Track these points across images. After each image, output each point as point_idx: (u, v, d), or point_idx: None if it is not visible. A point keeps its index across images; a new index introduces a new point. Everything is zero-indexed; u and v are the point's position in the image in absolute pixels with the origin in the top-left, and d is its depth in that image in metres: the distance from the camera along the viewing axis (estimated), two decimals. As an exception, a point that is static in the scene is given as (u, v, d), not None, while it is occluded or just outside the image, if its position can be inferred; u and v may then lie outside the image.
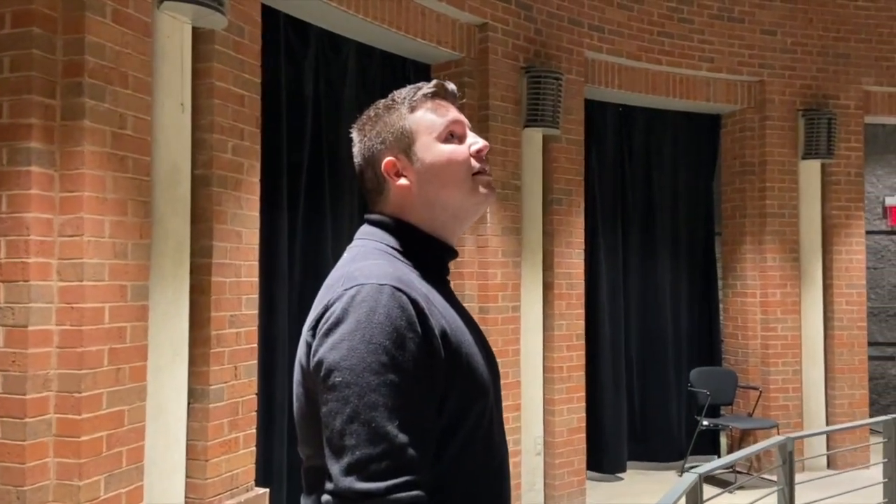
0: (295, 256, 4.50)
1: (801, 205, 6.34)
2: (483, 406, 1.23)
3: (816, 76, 6.39)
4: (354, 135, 1.35)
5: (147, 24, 3.20)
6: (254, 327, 3.75)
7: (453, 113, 1.32)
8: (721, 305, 6.65)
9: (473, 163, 1.30)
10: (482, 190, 1.30)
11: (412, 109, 1.30)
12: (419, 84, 1.35)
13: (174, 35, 3.38)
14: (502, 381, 5.02)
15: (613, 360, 6.06)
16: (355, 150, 1.34)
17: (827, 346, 6.33)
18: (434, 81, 1.35)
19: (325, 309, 1.17)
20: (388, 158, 1.28)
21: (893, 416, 4.79)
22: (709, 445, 6.48)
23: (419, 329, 1.13)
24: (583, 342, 5.56)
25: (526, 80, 5.29)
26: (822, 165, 6.39)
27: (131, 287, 3.08)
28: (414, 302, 1.14)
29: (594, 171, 6.06)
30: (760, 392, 6.16)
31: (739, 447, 6.33)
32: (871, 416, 6.49)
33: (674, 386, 6.40)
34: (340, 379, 1.09)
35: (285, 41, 4.45)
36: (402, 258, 1.25)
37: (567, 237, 5.51)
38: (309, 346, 1.18)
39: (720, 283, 6.68)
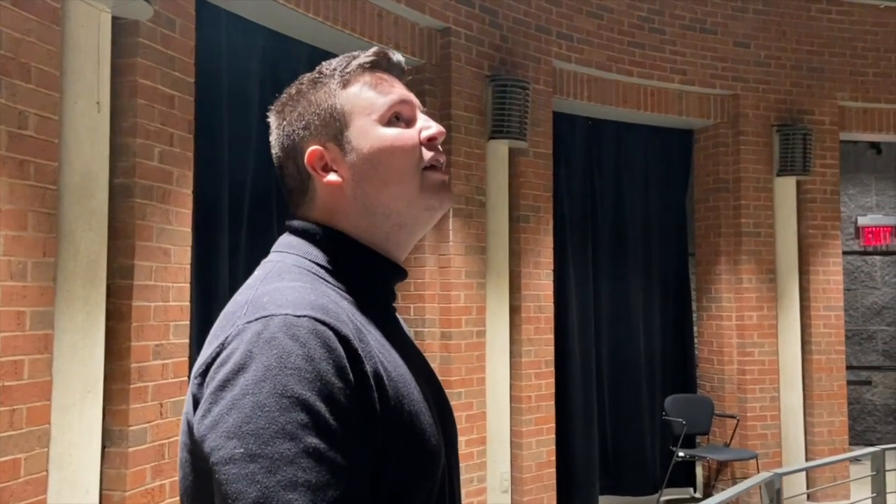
0: (237, 277, 4.06)
1: (776, 223, 6.08)
2: (432, 481, 0.92)
3: (791, 90, 6.17)
4: (272, 119, 1.06)
5: (55, 10, 2.79)
6: (184, 358, 3.32)
7: (399, 90, 1.03)
8: (695, 329, 6.35)
9: (425, 153, 1.01)
10: (435, 190, 1.01)
11: (344, 84, 1.02)
12: (354, 53, 1.05)
13: (89, 24, 2.96)
14: (467, 413, 4.47)
15: (584, 388, 5.69)
16: (272, 138, 1.05)
17: (805, 370, 6.05)
18: (374, 48, 1.05)
19: (220, 349, 0.87)
20: (314, 148, 1.00)
21: (882, 447, 4.50)
22: (683, 477, 6.14)
23: (351, 377, 0.84)
24: (552, 369, 5.19)
25: (491, 90, 4.95)
26: (798, 183, 6.15)
27: (31, 313, 2.64)
28: (344, 340, 0.85)
29: (562, 187, 5.73)
30: (738, 420, 5.84)
31: (716, 479, 6.01)
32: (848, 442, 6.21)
33: (647, 415, 6.05)
34: (242, 450, 0.79)
35: (227, 41, 4.05)
36: (330, 279, 0.96)
37: (535, 257, 5.15)
38: (197, 400, 0.87)
39: (694, 305, 6.38)
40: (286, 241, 1.02)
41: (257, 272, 0.99)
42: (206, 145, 3.74)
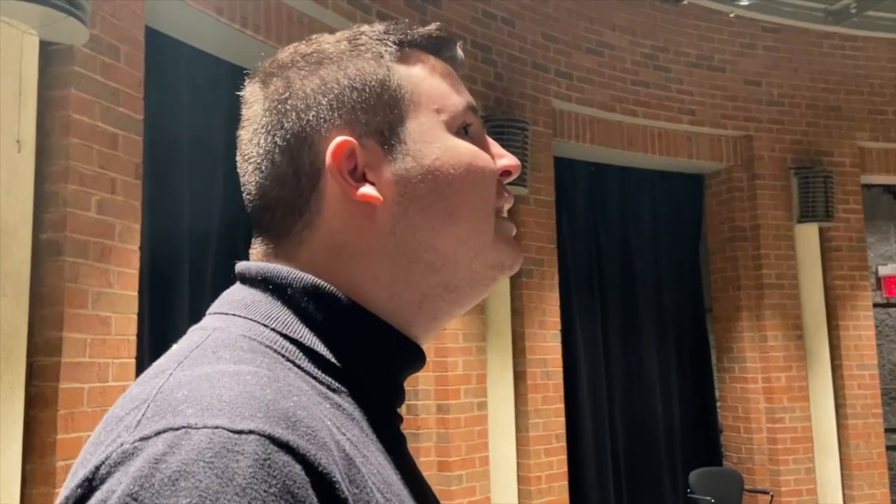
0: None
1: (800, 274, 5.57)
2: None
3: (807, 131, 5.74)
4: (255, 88, 0.68)
5: (-38, 28, 2.28)
6: (126, 451, 2.71)
7: (468, 95, 0.72)
8: (717, 393, 5.76)
9: (499, 189, 0.71)
10: (510, 244, 0.71)
11: (402, 59, 0.68)
12: (404, 20, 0.72)
13: (10, 48, 2.46)
14: (469, 499, 3.73)
15: (598, 464, 5.07)
16: (254, 112, 0.67)
17: (841, 437, 5.46)
18: (437, 24, 0.72)
19: (86, 489, 0.48)
20: (342, 138, 0.63)
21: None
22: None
23: None
24: (564, 444, 4.59)
25: (486, 131, 4.46)
26: (821, 230, 5.66)
27: (-85, 405, 2.06)
28: (321, 479, 0.48)
29: (565, 238, 5.21)
30: (772, 496, 5.22)
31: (749, 563, 5.35)
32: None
33: (669, 492, 5.42)
34: None
35: (186, 76, 3.56)
36: (305, 365, 0.58)
37: (540, 316, 4.60)
38: None
39: (714, 366, 5.81)
40: (234, 296, 0.65)
41: (175, 346, 0.61)
42: (159, 193, 3.22)
